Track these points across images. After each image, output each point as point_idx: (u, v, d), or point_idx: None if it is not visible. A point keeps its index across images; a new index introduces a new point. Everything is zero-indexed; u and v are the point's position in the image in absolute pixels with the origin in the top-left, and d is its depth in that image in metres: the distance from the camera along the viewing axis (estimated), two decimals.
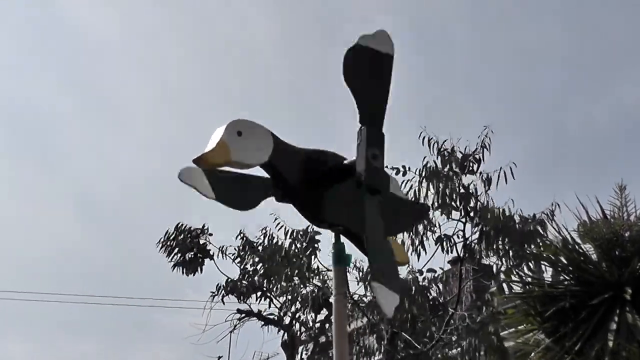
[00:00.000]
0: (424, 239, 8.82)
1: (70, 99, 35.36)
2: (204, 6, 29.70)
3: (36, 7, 31.95)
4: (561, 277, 5.86)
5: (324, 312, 10.22)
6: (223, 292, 10.91)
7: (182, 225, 11.06)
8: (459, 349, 8.60)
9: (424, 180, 8.61)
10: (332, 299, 2.68)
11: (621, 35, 25.56)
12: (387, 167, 9.20)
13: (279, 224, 10.29)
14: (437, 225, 8.92)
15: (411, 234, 8.71)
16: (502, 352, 7.97)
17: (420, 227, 8.75)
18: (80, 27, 33.59)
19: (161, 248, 10.95)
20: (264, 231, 10.67)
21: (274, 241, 10.52)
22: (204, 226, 11.15)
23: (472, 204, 8.71)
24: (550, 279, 6.01)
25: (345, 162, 2.66)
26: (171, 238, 10.95)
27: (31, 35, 33.27)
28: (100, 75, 33.54)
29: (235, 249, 11.08)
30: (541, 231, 8.50)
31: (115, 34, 32.72)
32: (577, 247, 5.74)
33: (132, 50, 32.64)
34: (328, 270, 9.67)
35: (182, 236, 10.97)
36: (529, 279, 6.68)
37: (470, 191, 8.67)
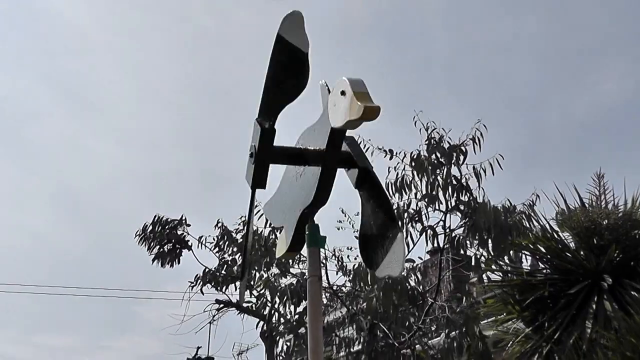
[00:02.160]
0: (411, 228, 8.75)
1: (49, 91, 34.93)
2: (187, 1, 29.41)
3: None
4: (540, 266, 5.85)
5: (304, 304, 10.16)
6: (201, 282, 10.83)
7: (159, 217, 10.99)
8: (438, 338, 8.58)
9: (413, 170, 8.57)
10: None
11: (600, 29, 25.72)
12: (379, 148, 8.83)
13: (259, 211, 10.18)
14: (425, 215, 8.85)
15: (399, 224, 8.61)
16: (482, 341, 7.95)
17: (406, 217, 8.68)
18: (60, 21, 33.17)
19: (140, 241, 10.88)
20: (242, 219, 10.60)
21: (254, 230, 10.41)
22: (182, 217, 11.11)
23: (462, 197, 8.65)
24: (529, 268, 6.00)
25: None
26: (149, 230, 10.88)
27: (9, 27, 32.80)
28: (80, 69, 33.16)
29: (214, 238, 11.02)
30: (525, 222, 8.47)
31: (96, 28, 32.35)
32: (555, 235, 5.72)
33: (113, 44, 32.28)
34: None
35: (159, 228, 10.90)
36: (509, 268, 6.66)
37: (463, 184, 8.62)
